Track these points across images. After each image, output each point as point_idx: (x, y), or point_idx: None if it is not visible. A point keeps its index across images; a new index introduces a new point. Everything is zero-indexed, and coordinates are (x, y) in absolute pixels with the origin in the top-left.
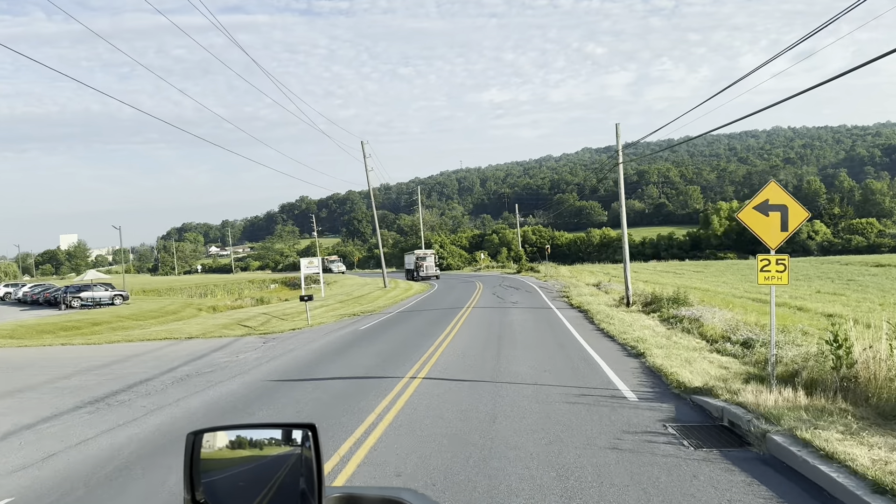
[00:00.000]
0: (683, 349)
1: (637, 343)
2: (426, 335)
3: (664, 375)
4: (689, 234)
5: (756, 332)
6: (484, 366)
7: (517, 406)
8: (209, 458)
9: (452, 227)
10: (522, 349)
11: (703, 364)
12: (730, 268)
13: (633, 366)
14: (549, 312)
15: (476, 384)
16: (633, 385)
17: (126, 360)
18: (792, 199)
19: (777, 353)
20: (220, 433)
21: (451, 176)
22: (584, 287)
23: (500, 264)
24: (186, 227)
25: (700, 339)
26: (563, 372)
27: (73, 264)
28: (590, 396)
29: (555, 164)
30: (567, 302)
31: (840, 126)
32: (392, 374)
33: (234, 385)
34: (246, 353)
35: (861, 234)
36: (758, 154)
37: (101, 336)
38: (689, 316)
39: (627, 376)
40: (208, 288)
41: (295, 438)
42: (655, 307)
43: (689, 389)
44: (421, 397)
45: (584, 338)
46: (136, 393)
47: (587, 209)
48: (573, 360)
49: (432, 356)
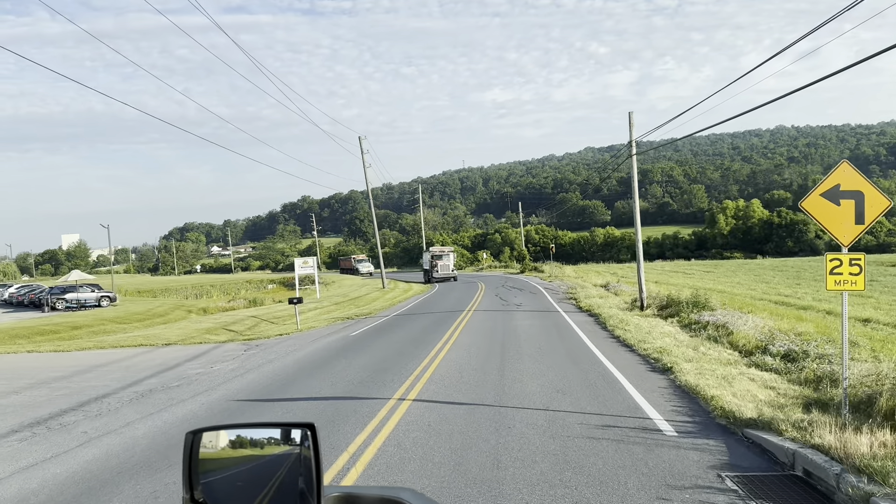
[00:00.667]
0: (716, 363)
1: (660, 355)
2: (422, 343)
3: (702, 398)
4: (695, 233)
5: (796, 342)
6: (485, 383)
7: (526, 443)
8: (208, 458)
9: (455, 227)
10: (530, 361)
11: (745, 383)
12: (741, 267)
13: (660, 384)
14: (557, 317)
15: (476, 409)
16: (667, 411)
17: (90, 370)
18: (870, 183)
19: (839, 370)
20: (219, 432)
21: (454, 175)
22: (592, 288)
23: (502, 264)
24: (189, 227)
25: (731, 349)
26: (579, 393)
27: (72, 264)
28: (616, 429)
29: (558, 163)
30: (575, 304)
31: (844, 125)
32: (377, 394)
33: (195, 405)
34: (222, 364)
35: (870, 234)
36: (761, 153)
37: (75, 342)
38: (714, 322)
39: (657, 399)
40: (204, 288)
41: (294, 438)
42: (673, 311)
43: (738, 420)
44: (408, 429)
45: (598, 347)
46: (85, 413)
47: (590, 208)
48: (589, 376)
49: (426, 370)
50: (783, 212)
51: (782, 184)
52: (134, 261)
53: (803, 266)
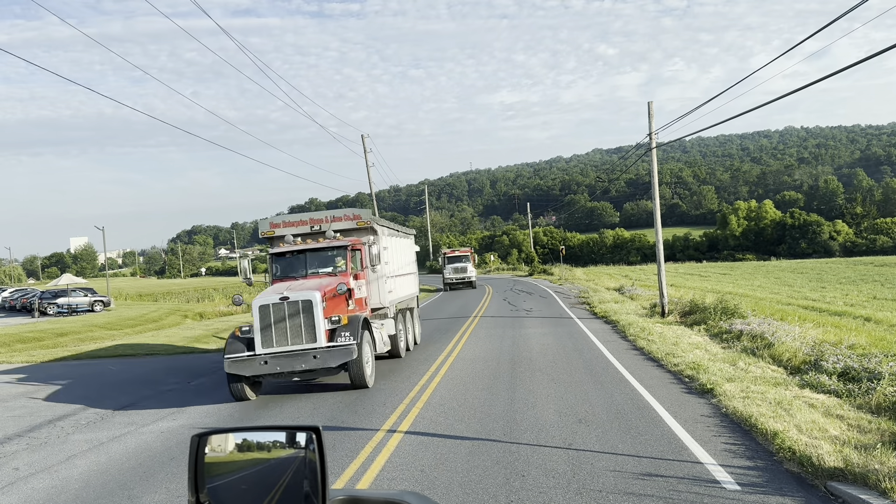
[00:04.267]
0: (762, 382)
1: (695, 372)
2: (420, 356)
3: (759, 433)
4: (706, 234)
5: (851, 357)
6: (492, 409)
7: (546, 501)
8: (214, 461)
9: (462, 229)
10: (544, 380)
11: (806, 411)
12: (758, 269)
13: (702, 411)
14: (571, 324)
15: (481, 447)
16: (719, 452)
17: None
18: None
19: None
20: (225, 435)
21: (461, 178)
22: (605, 292)
23: (510, 266)
24: (197, 230)
25: (775, 365)
26: (606, 423)
27: (79, 267)
28: (659, 479)
29: (565, 164)
30: (589, 310)
31: (854, 126)
32: (364, 423)
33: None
34: (198, 381)
35: (886, 234)
36: (771, 154)
37: (55, 351)
38: (748, 331)
39: (703, 432)
40: (206, 292)
41: (299, 441)
42: (698, 318)
43: (818, 470)
44: (395, 475)
45: (620, 361)
46: None
47: (599, 210)
48: (615, 399)
49: (424, 390)
50: (796, 213)
51: (793, 185)
52: (141, 264)
53: (823, 268)
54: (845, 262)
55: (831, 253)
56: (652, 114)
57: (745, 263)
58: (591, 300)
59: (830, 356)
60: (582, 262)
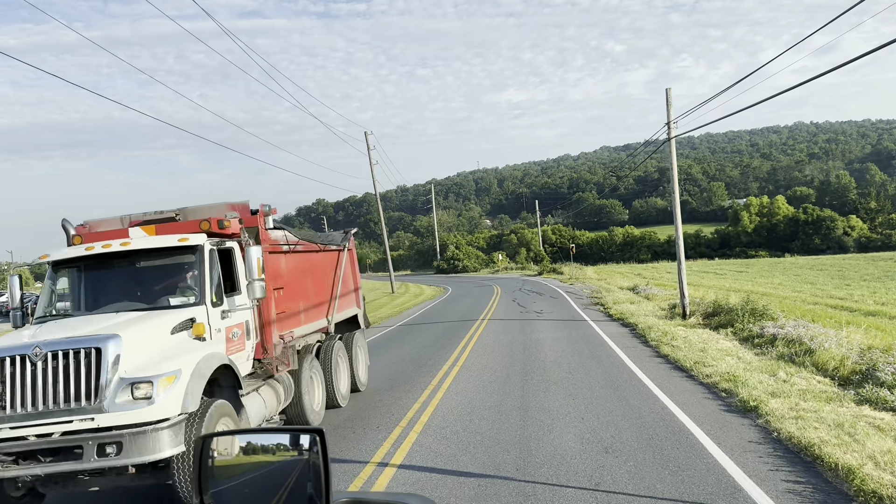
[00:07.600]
0: (812, 398)
1: (732, 385)
2: (422, 365)
3: (827, 468)
4: (718, 231)
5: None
6: (502, 435)
7: None
8: (219, 464)
9: (469, 228)
10: (560, 394)
11: (876, 437)
12: (775, 266)
13: (749, 436)
14: (585, 327)
15: (488, 488)
16: (781, 494)
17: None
18: None
19: None
20: (230, 438)
21: (469, 177)
22: (619, 292)
23: (519, 265)
24: None
25: (820, 375)
26: (637, 453)
27: None
28: None
29: (573, 163)
30: (603, 311)
31: (864, 120)
32: (351, 453)
33: None
34: None
35: None
36: (780, 150)
37: None
38: (781, 335)
39: (756, 466)
40: None
41: (303, 444)
42: (724, 320)
43: None
44: None
45: (644, 371)
46: None
47: (607, 208)
48: (644, 420)
49: (423, 411)
50: (809, 208)
51: (804, 180)
52: None
53: (842, 265)
54: (864, 258)
55: (846, 249)
56: (670, 101)
57: (759, 260)
58: (604, 300)
59: (884, 365)
60: (591, 261)
